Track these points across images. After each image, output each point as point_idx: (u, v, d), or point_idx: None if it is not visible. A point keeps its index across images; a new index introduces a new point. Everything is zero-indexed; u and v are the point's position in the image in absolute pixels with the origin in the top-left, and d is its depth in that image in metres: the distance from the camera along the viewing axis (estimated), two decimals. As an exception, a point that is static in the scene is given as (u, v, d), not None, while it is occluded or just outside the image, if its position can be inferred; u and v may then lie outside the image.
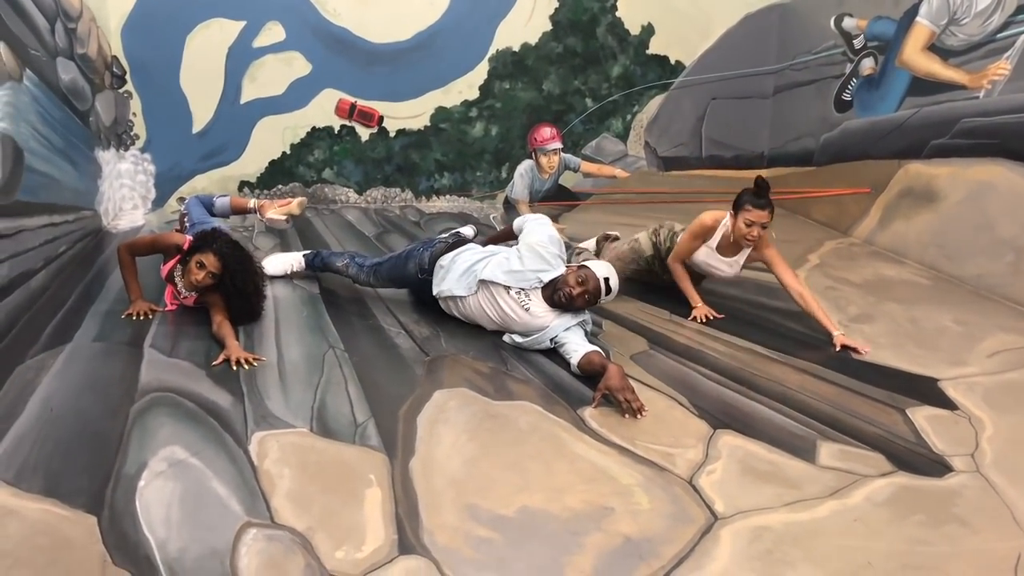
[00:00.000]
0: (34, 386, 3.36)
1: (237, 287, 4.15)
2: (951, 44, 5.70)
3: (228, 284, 4.14)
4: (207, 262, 4.09)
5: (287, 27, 7.38)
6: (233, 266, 4.14)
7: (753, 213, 4.21)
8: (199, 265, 4.10)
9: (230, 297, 4.16)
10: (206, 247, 4.14)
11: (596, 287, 3.80)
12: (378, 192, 8.05)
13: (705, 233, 4.49)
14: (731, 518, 2.54)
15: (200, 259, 4.11)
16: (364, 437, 3.01)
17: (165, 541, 2.34)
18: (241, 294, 4.17)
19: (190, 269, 4.12)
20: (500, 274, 3.93)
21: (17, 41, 4.55)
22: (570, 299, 3.77)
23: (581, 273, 3.81)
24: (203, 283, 4.10)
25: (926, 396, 3.51)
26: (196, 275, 4.09)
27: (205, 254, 4.11)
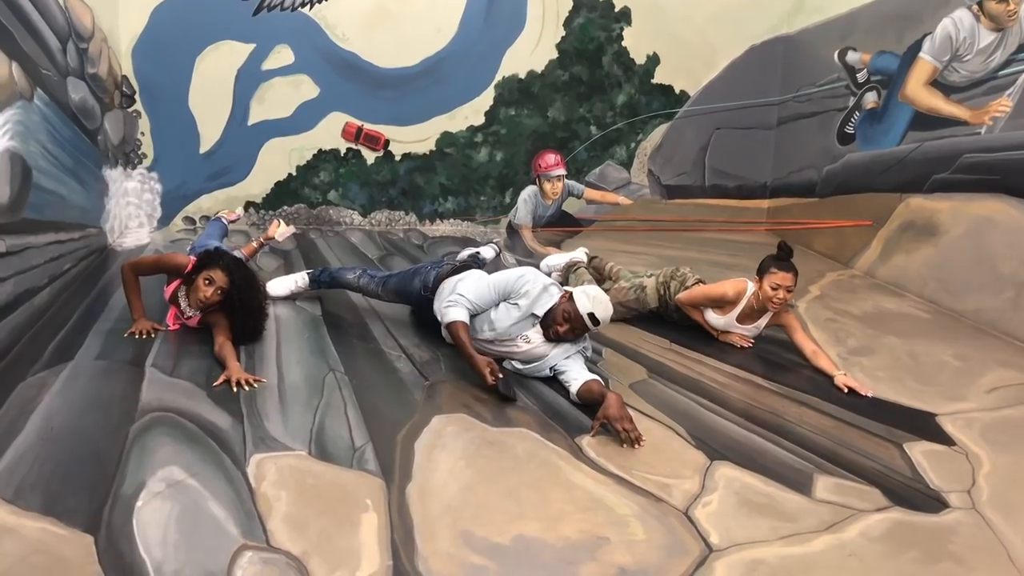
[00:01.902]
0: (35, 404, 3.38)
1: (244, 303, 4.18)
2: (953, 80, 5.75)
3: (235, 300, 4.16)
4: (216, 278, 4.12)
5: (296, 50, 7.47)
6: (240, 282, 4.18)
7: (779, 276, 4.27)
8: (207, 281, 4.12)
9: (235, 314, 4.18)
10: (213, 263, 4.17)
11: (581, 324, 3.79)
12: (382, 215, 8.10)
13: (723, 304, 4.55)
14: (726, 550, 2.54)
15: (208, 275, 4.13)
16: (362, 461, 3.02)
17: (161, 562, 2.34)
18: (247, 310, 4.20)
19: (197, 286, 4.15)
20: (486, 330, 3.97)
21: (29, 61, 4.60)
22: (559, 336, 3.80)
23: (567, 308, 3.80)
24: (211, 300, 4.13)
25: (924, 431, 3.51)
26: (204, 292, 4.11)
27: (213, 270, 4.14)
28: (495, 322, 3.95)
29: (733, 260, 6.53)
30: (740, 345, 4.52)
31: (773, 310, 4.37)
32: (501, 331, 3.93)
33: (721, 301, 4.53)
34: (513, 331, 3.92)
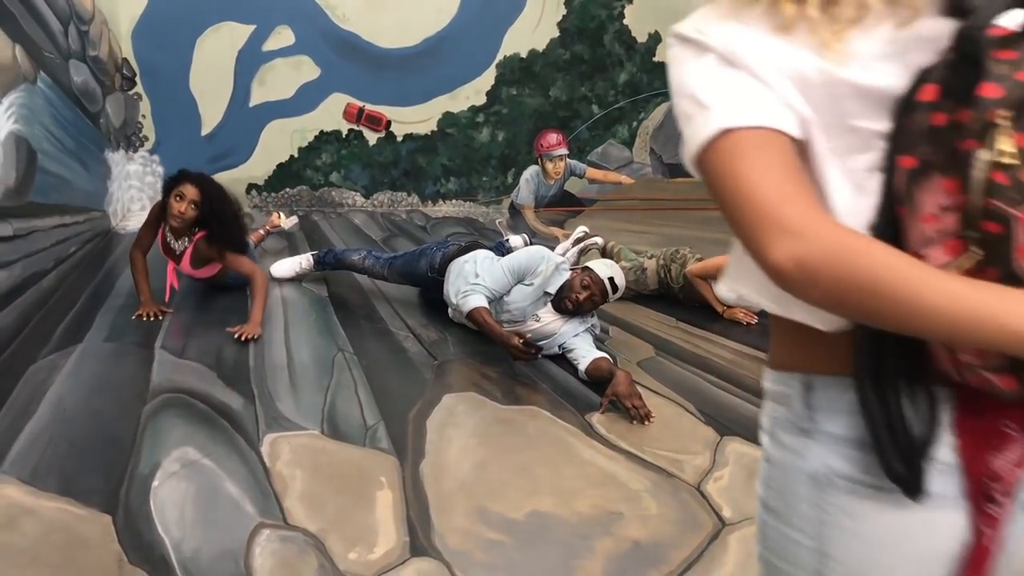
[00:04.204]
0: (47, 386, 3.40)
1: (216, 212, 4.31)
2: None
3: (208, 211, 4.28)
4: (186, 192, 4.24)
5: (296, 31, 7.44)
6: (210, 191, 4.33)
7: None
8: (179, 198, 4.23)
9: (211, 224, 4.30)
10: (179, 180, 4.29)
11: (602, 289, 3.83)
12: (385, 196, 8.10)
13: None
14: (739, 524, 2.56)
15: (178, 191, 4.26)
16: (374, 440, 3.04)
17: (180, 541, 2.36)
18: (221, 220, 4.32)
19: (170, 207, 4.22)
20: (500, 312, 3.99)
21: (32, 44, 4.59)
22: (577, 304, 3.80)
23: (585, 277, 3.84)
24: (186, 214, 4.24)
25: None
26: (178, 208, 4.22)
27: (182, 185, 4.26)
28: (509, 303, 3.97)
29: (736, 238, 6.53)
30: (745, 322, 4.54)
31: None
32: (515, 311, 3.95)
33: None
34: (527, 311, 3.93)
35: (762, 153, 0.82)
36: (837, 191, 0.86)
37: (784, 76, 0.84)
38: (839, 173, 0.86)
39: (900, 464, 0.83)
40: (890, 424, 0.83)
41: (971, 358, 0.79)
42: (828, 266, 0.75)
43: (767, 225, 0.79)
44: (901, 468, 0.83)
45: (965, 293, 0.73)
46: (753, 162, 0.82)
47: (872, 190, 0.85)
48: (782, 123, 0.83)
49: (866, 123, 0.85)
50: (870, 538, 0.90)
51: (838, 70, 0.83)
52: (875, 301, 0.75)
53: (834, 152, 0.86)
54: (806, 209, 0.79)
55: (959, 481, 0.86)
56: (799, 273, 0.77)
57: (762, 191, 0.80)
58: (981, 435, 0.85)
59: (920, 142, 0.80)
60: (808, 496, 0.93)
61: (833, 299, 0.77)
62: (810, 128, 0.85)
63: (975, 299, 0.72)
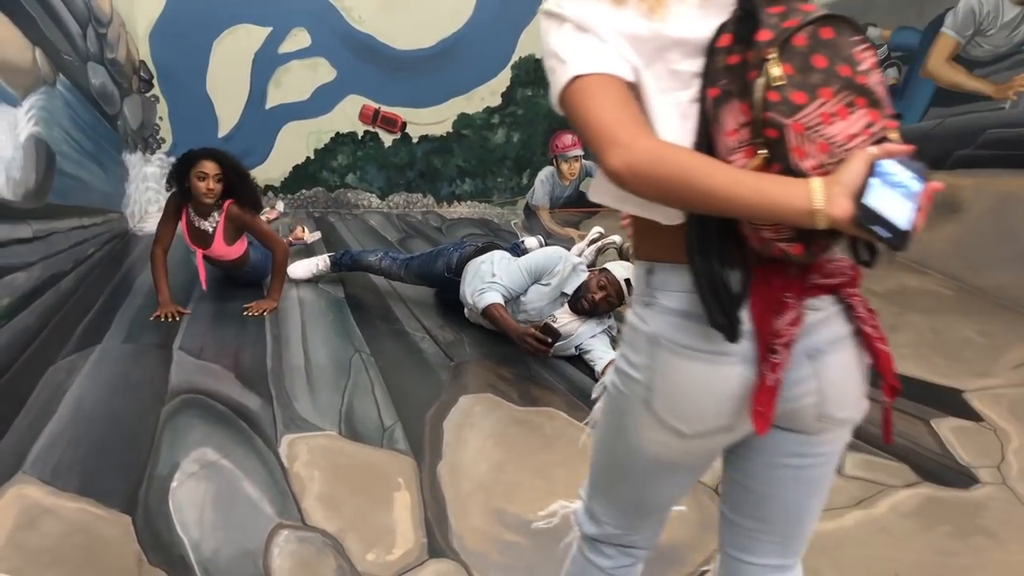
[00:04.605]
0: (66, 387, 3.42)
1: (239, 175, 4.47)
2: (976, 55, 5.69)
3: (233, 177, 4.41)
4: (207, 170, 4.32)
5: (313, 33, 7.45)
6: (225, 160, 4.41)
7: None
8: (200, 177, 4.29)
9: (238, 188, 4.44)
10: (193, 162, 4.35)
11: (618, 290, 3.82)
12: (400, 197, 8.10)
13: None
14: (757, 526, 2.55)
15: (198, 172, 4.32)
16: (392, 441, 3.04)
17: (199, 542, 2.38)
18: (245, 181, 4.49)
19: (194, 188, 4.33)
20: (517, 313, 4.00)
21: (52, 47, 4.62)
22: (593, 304, 3.80)
23: (602, 278, 3.84)
24: (213, 189, 4.34)
25: (951, 407, 3.50)
26: (202, 187, 4.31)
27: (198, 165, 4.33)
28: (525, 303, 3.97)
29: (753, 239, 6.51)
30: None
31: None
32: (532, 312, 3.95)
33: None
34: (544, 311, 3.93)
35: (602, 91, 1.10)
36: (666, 118, 1.13)
37: (621, 36, 1.12)
38: (667, 105, 1.14)
39: (721, 316, 1.12)
40: (714, 287, 1.12)
41: (769, 234, 1.07)
42: (649, 167, 1.04)
43: (605, 141, 1.07)
44: (722, 319, 1.12)
45: (748, 180, 1.03)
46: (595, 98, 1.10)
47: (693, 116, 1.12)
48: (617, 70, 1.11)
49: (685, 66, 1.13)
50: (683, 382, 1.22)
51: (661, 28, 1.12)
52: (684, 190, 1.04)
53: (662, 90, 1.14)
54: (633, 129, 1.07)
55: (750, 341, 1.16)
56: (629, 174, 1.06)
57: (602, 118, 1.08)
58: (768, 304, 1.15)
59: (721, 77, 1.08)
60: (645, 350, 1.25)
61: (655, 191, 1.06)
62: (641, 73, 1.13)
63: (754, 184, 1.03)
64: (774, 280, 1.15)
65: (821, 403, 1.25)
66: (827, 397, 1.25)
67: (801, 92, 1.02)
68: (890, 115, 1.07)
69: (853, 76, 1.04)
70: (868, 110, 1.05)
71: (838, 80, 1.03)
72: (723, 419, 1.23)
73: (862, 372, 1.29)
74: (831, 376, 1.24)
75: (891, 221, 1.00)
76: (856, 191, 1.00)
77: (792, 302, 1.15)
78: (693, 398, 1.22)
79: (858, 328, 1.25)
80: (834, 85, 1.03)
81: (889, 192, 1.01)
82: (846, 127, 1.03)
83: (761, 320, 1.15)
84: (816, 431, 1.30)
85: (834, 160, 1.03)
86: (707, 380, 1.20)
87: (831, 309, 1.22)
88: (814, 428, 1.29)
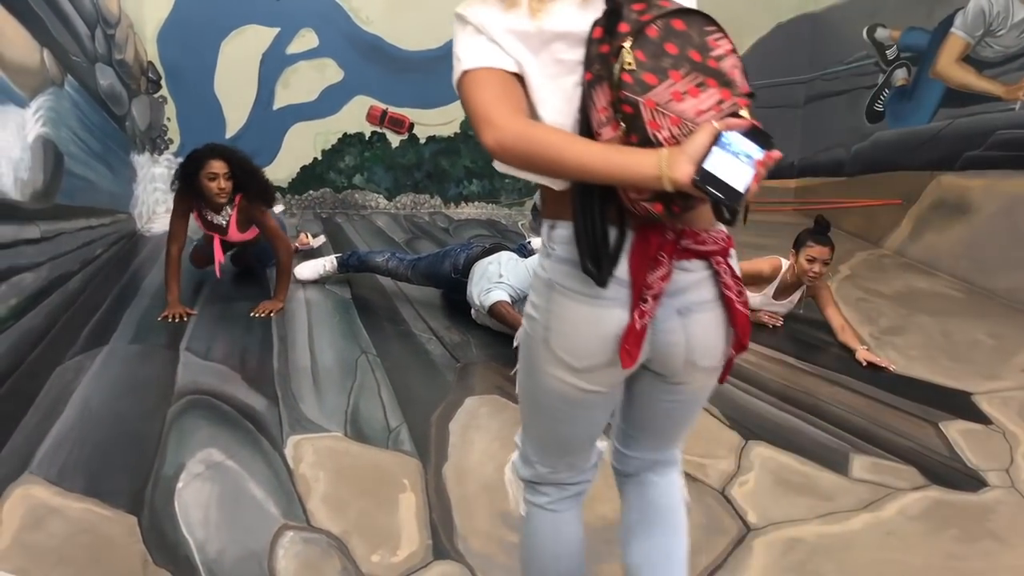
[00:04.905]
0: (73, 387, 3.43)
1: (248, 172, 4.45)
2: (986, 55, 5.67)
3: (241, 175, 4.40)
4: (216, 169, 4.32)
5: (320, 34, 7.46)
6: (233, 157, 4.42)
7: (816, 250, 4.22)
8: (211, 177, 4.30)
9: (248, 185, 4.45)
10: (201, 160, 4.37)
11: None
12: (408, 198, 8.10)
13: (759, 281, 4.49)
14: (763, 529, 2.54)
15: (208, 172, 4.32)
16: (397, 442, 3.04)
17: (204, 542, 2.37)
18: (254, 177, 4.49)
19: (206, 189, 4.36)
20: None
21: (60, 48, 4.64)
22: None
23: None
24: (225, 188, 4.36)
25: (959, 410, 3.48)
26: (214, 187, 4.34)
27: (208, 166, 4.34)
28: None
29: (761, 240, 6.47)
30: (771, 324, 4.50)
31: (809, 284, 4.33)
32: None
33: (756, 278, 4.49)
34: None
35: (484, 82, 1.31)
36: (551, 100, 1.35)
37: (510, 34, 1.32)
38: (553, 90, 1.34)
39: (591, 264, 1.33)
40: (590, 240, 1.32)
41: (635, 195, 1.26)
42: (514, 143, 1.26)
43: (482, 122, 1.28)
44: (591, 266, 1.33)
45: (596, 151, 1.23)
46: (478, 88, 1.31)
47: (577, 98, 1.32)
48: (501, 64, 1.32)
49: (569, 55, 1.33)
50: (572, 321, 1.42)
51: (543, 24, 1.31)
52: (544, 162, 1.25)
53: (550, 76, 1.34)
54: (505, 112, 1.28)
55: (626, 290, 1.36)
56: (499, 149, 1.27)
57: (481, 103, 1.30)
58: (644, 260, 1.35)
59: (594, 63, 1.26)
60: (544, 294, 1.46)
61: (521, 163, 1.29)
62: (529, 63, 1.33)
63: (603, 155, 1.22)
64: (652, 240, 1.34)
65: (687, 352, 1.46)
66: (692, 348, 1.46)
67: (652, 74, 1.20)
68: (742, 94, 1.25)
69: (704, 60, 1.22)
70: (719, 89, 1.23)
71: (688, 63, 1.21)
72: (605, 355, 1.42)
73: (724, 331, 1.48)
74: (696, 332, 1.45)
75: (726, 183, 1.17)
76: (698, 157, 1.16)
77: (664, 260, 1.35)
78: (580, 335, 1.42)
79: (723, 293, 1.44)
80: (683, 68, 1.21)
81: (728, 159, 1.17)
82: (696, 104, 1.21)
83: (637, 273, 1.36)
84: (684, 376, 1.52)
85: (685, 132, 1.20)
86: (591, 320, 1.41)
87: (702, 273, 1.42)
88: (682, 374, 1.51)
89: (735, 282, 1.45)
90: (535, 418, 1.65)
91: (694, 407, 1.64)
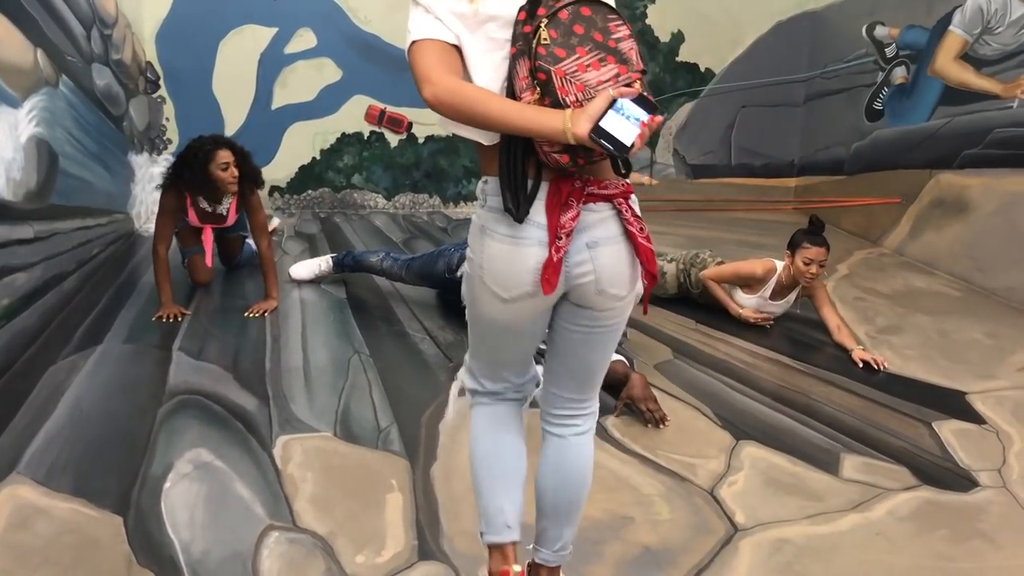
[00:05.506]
0: (65, 387, 3.43)
1: (247, 158, 4.57)
2: (984, 53, 5.64)
3: (243, 161, 4.53)
4: (227, 159, 4.42)
5: (318, 34, 7.45)
6: (234, 145, 4.53)
7: (812, 251, 4.18)
8: (223, 167, 4.41)
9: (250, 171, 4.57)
10: (211, 151, 4.42)
11: None
12: (406, 198, 8.09)
13: (753, 283, 4.46)
14: (751, 530, 2.53)
15: (220, 163, 4.41)
16: (387, 442, 3.03)
17: (189, 543, 2.37)
18: (248, 162, 4.58)
19: (217, 179, 4.43)
20: None
21: (54, 48, 4.64)
22: None
23: None
24: (236, 176, 4.46)
25: (953, 409, 3.47)
26: (228, 176, 4.43)
27: (216, 155, 4.41)
28: None
29: (760, 240, 6.47)
30: (761, 322, 4.46)
31: (806, 284, 4.30)
32: None
33: (750, 279, 4.47)
34: None
35: (427, 50, 1.58)
36: (483, 69, 1.61)
37: (452, 15, 1.58)
38: (486, 61, 1.61)
39: (511, 204, 1.59)
40: (512, 187, 1.60)
41: (548, 148, 1.53)
42: (447, 97, 1.53)
43: (423, 80, 1.56)
44: (511, 207, 1.59)
45: (514, 108, 1.51)
46: (422, 54, 1.58)
47: (504, 68, 1.60)
48: (441, 36, 1.58)
49: (500, 34, 1.60)
50: (499, 259, 1.68)
51: (479, 8, 1.58)
52: (472, 113, 1.52)
53: (484, 51, 1.61)
54: (440, 73, 1.55)
55: (543, 231, 1.62)
56: (435, 101, 1.54)
57: (423, 66, 1.57)
58: (557, 204, 1.61)
59: (519, 40, 1.54)
60: (478, 238, 1.73)
61: (454, 113, 1.55)
62: (467, 39, 1.60)
63: (519, 111, 1.50)
64: (563, 188, 1.61)
65: (598, 281, 1.70)
66: (601, 277, 1.69)
67: (563, 49, 1.49)
68: (637, 71, 1.53)
69: (605, 41, 1.51)
70: (617, 65, 1.51)
71: (592, 42, 1.50)
72: (529, 286, 1.68)
73: (629, 261, 1.71)
74: (603, 262, 1.68)
75: (617, 138, 1.44)
76: (596, 117, 1.44)
77: (574, 204, 1.61)
78: (506, 270, 1.68)
79: (626, 229, 1.68)
80: (588, 46, 1.50)
81: (620, 120, 1.45)
82: (598, 75, 1.50)
83: (552, 215, 1.61)
84: (598, 305, 1.75)
85: (588, 97, 1.48)
86: (515, 257, 1.66)
87: (606, 213, 1.67)
88: (596, 302, 1.74)
89: (636, 220, 1.69)
90: (478, 341, 1.96)
91: (609, 337, 1.86)
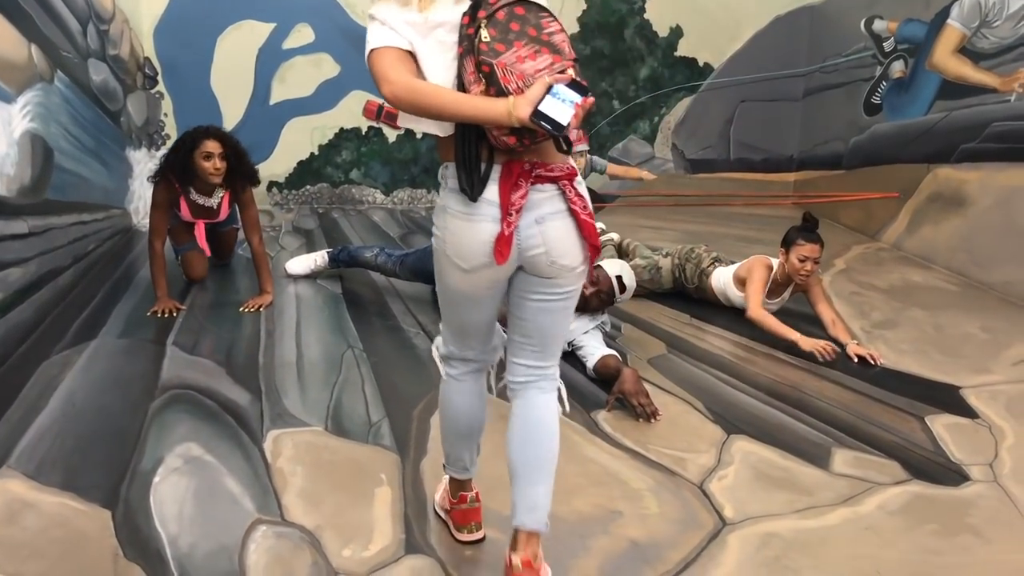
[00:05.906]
0: (58, 382, 3.44)
1: (239, 152, 4.49)
2: (982, 47, 5.62)
3: (234, 154, 4.44)
4: (212, 149, 4.33)
5: (316, 29, 7.46)
6: (225, 137, 4.47)
7: (806, 248, 4.16)
8: (206, 157, 4.28)
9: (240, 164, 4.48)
10: (198, 140, 4.37)
11: (609, 287, 3.80)
12: (404, 193, 8.10)
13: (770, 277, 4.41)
14: (740, 524, 2.52)
15: (204, 152, 4.33)
16: (377, 436, 3.03)
17: (176, 536, 2.37)
18: (243, 157, 4.51)
19: (201, 169, 4.35)
20: None
21: (49, 43, 4.64)
22: (585, 301, 3.76)
23: (594, 274, 3.81)
24: (221, 169, 4.37)
25: (947, 404, 3.46)
26: (213, 166, 4.33)
27: (202, 146, 4.34)
28: None
29: (759, 234, 6.46)
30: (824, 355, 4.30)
31: (801, 282, 4.28)
32: None
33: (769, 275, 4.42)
34: None
35: (384, 55, 1.78)
36: (435, 69, 1.81)
37: (405, 24, 1.78)
38: (438, 62, 1.81)
39: (466, 185, 1.81)
40: (467, 170, 1.80)
41: (497, 132, 1.74)
42: (403, 93, 1.74)
43: (381, 80, 1.76)
44: (466, 187, 1.81)
45: (463, 99, 1.73)
46: (380, 59, 1.78)
47: (454, 67, 1.79)
48: (397, 43, 1.78)
49: (448, 38, 1.79)
50: (458, 234, 1.90)
51: (428, 15, 1.78)
52: (427, 106, 1.75)
53: (434, 53, 1.80)
54: (397, 73, 1.76)
55: (496, 209, 1.83)
56: (393, 98, 1.74)
57: (381, 69, 1.77)
58: (508, 185, 1.81)
59: (464, 40, 1.75)
60: (441, 216, 1.95)
61: (411, 108, 1.76)
62: (420, 44, 1.80)
63: (468, 102, 1.72)
64: (513, 170, 1.81)
65: (548, 253, 1.91)
66: (551, 249, 1.90)
67: (502, 44, 1.70)
68: (569, 59, 1.73)
69: (539, 35, 1.73)
70: (551, 55, 1.72)
71: (527, 37, 1.72)
72: (483, 258, 1.89)
73: (575, 235, 1.92)
74: (552, 235, 1.89)
75: (555, 119, 1.64)
76: (535, 102, 1.65)
77: (523, 185, 1.82)
78: (465, 244, 1.90)
79: (570, 207, 1.89)
80: (524, 40, 1.71)
81: (556, 103, 1.65)
82: (535, 65, 1.71)
83: (503, 194, 1.82)
84: (551, 274, 1.96)
85: (527, 84, 1.69)
86: (471, 233, 1.87)
87: (552, 192, 1.88)
88: (549, 272, 1.95)
89: (579, 199, 1.90)
90: (445, 310, 2.16)
91: (565, 305, 2.06)
